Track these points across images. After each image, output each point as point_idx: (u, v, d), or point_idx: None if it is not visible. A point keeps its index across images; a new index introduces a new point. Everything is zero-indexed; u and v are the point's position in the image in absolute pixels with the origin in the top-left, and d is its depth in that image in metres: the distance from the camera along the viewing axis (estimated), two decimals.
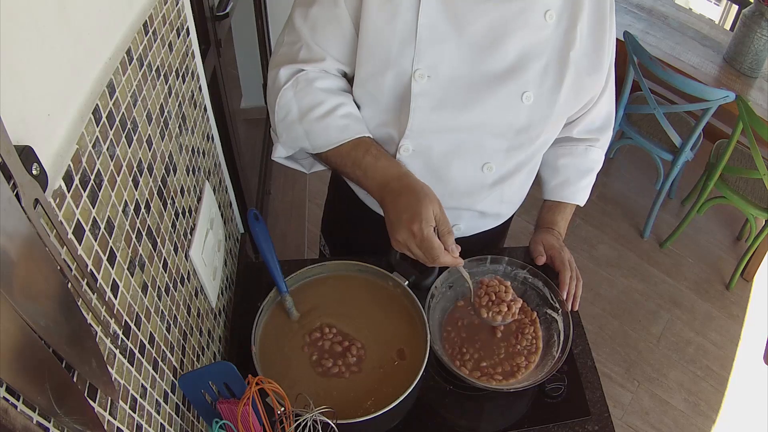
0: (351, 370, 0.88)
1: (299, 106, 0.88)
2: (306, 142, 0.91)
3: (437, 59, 0.85)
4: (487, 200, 1.03)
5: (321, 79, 0.89)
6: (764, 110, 2.27)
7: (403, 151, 0.94)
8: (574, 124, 1.06)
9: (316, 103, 0.88)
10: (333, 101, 0.88)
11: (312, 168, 1.05)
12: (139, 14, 0.65)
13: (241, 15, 2.23)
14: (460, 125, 0.91)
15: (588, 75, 0.92)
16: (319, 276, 1.01)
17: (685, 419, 2.13)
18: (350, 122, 0.89)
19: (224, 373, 0.70)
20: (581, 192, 1.13)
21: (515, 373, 0.93)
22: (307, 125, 0.89)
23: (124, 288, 0.56)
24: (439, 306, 1.00)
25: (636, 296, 2.50)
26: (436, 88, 0.87)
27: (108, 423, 0.50)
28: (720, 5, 4.09)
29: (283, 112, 0.90)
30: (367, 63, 0.87)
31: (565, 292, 1.01)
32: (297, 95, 0.88)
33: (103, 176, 0.53)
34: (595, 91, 0.98)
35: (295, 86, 0.88)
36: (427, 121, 0.90)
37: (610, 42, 0.94)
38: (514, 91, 0.88)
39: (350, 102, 0.91)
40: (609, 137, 1.11)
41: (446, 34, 0.84)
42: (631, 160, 3.14)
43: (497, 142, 0.94)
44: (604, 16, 0.90)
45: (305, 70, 0.89)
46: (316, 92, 0.88)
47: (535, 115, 0.92)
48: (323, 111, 0.88)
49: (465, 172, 0.97)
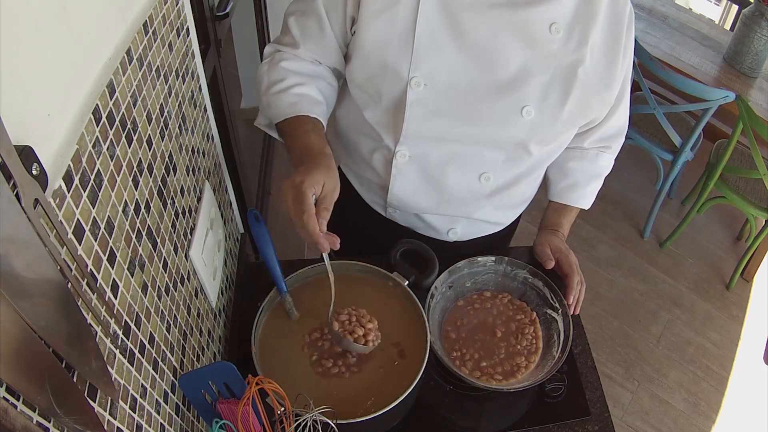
0: (351, 370, 0.88)
1: (268, 79, 0.95)
2: (268, 112, 0.96)
3: (434, 67, 0.84)
4: (484, 209, 1.02)
5: (290, 60, 0.95)
6: (764, 110, 2.27)
7: (399, 157, 0.94)
8: (585, 135, 1.04)
9: (279, 78, 0.93)
10: (293, 80, 0.93)
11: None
12: (139, 14, 0.65)
13: (241, 15, 2.23)
14: (456, 135, 0.91)
15: (597, 93, 0.90)
16: (319, 276, 1.01)
17: (685, 419, 2.13)
18: (301, 100, 0.92)
19: (224, 373, 0.70)
20: (588, 196, 1.12)
21: (515, 373, 0.93)
22: (270, 97, 0.94)
23: (124, 288, 0.56)
24: (439, 306, 1.00)
25: (636, 296, 2.50)
26: (432, 96, 0.86)
27: (108, 423, 0.50)
28: (720, 5, 4.09)
29: (258, 84, 0.97)
30: (365, 68, 0.87)
31: (572, 297, 1.01)
32: (269, 71, 0.95)
33: (103, 176, 0.53)
34: (603, 108, 0.96)
35: (270, 62, 0.96)
36: (421, 129, 0.89)
37: (626, 59, 0.91)
38: (513, 104, 0.87)
39: (310, 83, 0.94)
40: (621, 143, 1.10)
41: (445, 42, 0.83)
42: (631, 160, 3.14)
43: (495, 153, 0.93)
44: (620, 33, 0.87)
45: (281, 50, 0.96)
46: (281, 69, 0.94)
47: (536, 129, 0.90)
48: (282, 87, 0.92)
49: (461, 181, 0.97)
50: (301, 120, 0.90)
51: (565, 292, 1.01)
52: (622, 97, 0.99)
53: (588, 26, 0.84)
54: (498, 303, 1.03)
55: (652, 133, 2.52)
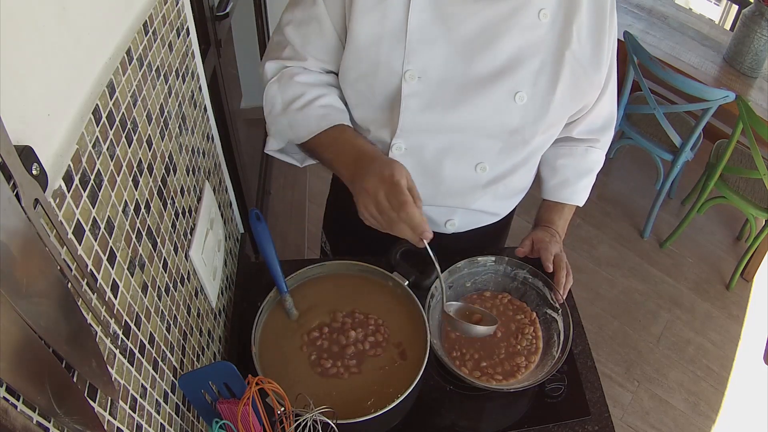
0: (350, 370, 0.88)
1: (282, 98, 0.92)
2: (290, 133, 0.93)
3: (428, 60, 0.85)
4: (481, 200, 1.03)
5: (303, 74, 0.92)
6: (764, 110, 2.27)
7: (395, 150, 0.94)
8: (574, 124, 1.06)
9: (298, 94, 0.90)
10: (313, 93, 0.91)
11: (305, 162, 1.04)
12: (139, 14, 0.65)
13: (241, 15, 2.23)
14: (452, 125, 0.91)
15: (585, 75, 0.91)
16: (319, 276, 1.01)
17: (685, 419, 2.13)
18: (329, 111, 0.91)
19: (224, 373, 0.70)
20: (580, 193, 1.12)
21: (515, 373, 0.93)
22: (290, 116, 0.91)
23: (124, 288, 0.56)
24: (439, 306, 0.99)
25: (636, 296, 2.50)
26: (426, 89, 0.87)
27: (108, 423, 0.50)
28: (720, 5, 4.09)
29: (269, 106, 0.93)
30: (357, 64, 0.87)
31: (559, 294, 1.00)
32: (281, 89, 0.92)
33: (103, 176, 0.53)
34: (593, 91, 0.97)
35: (280, 80, 0.92)
36: (417, 122, 0.89)
37: (611, 42, 0.93)
38: (506, 91, 0.88)
39: (331, 93, 0.93)
40: (610, 138, 1.10)
41: (437, 34, 0.83)
42: (631, 160, 3.14)
43: (490, 142, 0.94)
44: (603, 16, 0.89)
45: (289, 66, 0.92)
46: (297, 85, 0.91)
47: (529, 116, 0.91)
48: (304, 102, 0.90)
49: (458, 172, 0.97)
50: (338, 129, 0.89)
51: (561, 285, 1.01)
52: (608, 82, 0.99)
53: (571, 8, 0.86)
54: (498, 303, 1.03)
55: (652, 133, 2.52)
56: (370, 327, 0.93)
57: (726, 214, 2.91)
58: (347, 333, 0.92)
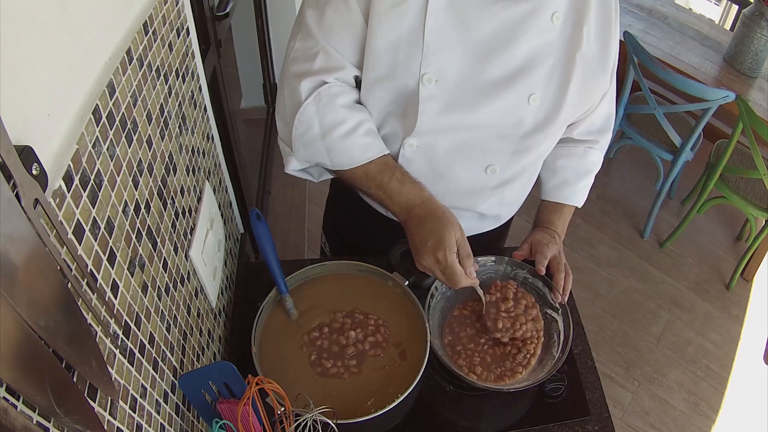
0: (350, 370, 0.88)
1: (321, 123, 0.87)
2: (326, 159, 0.91)
3: (445, 64, 0.85)
4: (488, 202, 1.03)
5: (343, 94, 0.88)
6: (764, 110, 2.27)
7: (407, 147, 0.94)
8: (575, 125, 1.06)
9: (339, 121, 0.87)
10: (355, 119, 0.89)
11: (321, 177, 1.03)
12: (139, 14, 0.65)
13: (241, 15, 2.23)
14: (468, 126, 0.91)
15: (594, 76, 0.92)
16: (319, 276, 1.01)
17: (685, 419, 2.13)
18: (372, 140, 0.90)
19: (224, 373, 0.70)
20: (579, 193, 1.12)
21: (515, 373, 0.93)
22: (329, 143, 0.89)
23: (124, 288, 0.56)
24: (439, 306, 1.00)
25: (636, 296, 2.50)
26: (443, 91, 0.87)
27: (108, 423, 0.50)
28: (720, 5, 4.09)
29: (304, 128, 0.88)
30: (374, 67, 0.87)
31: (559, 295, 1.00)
32: (319, 112, 0.87)
33: (103, 176, 0.53)
34: (599, 92, 0.97)
35: (317, 102, 0.86)
36: (433, 123, 0.90)
37: (615, 40, 0.93)
38: (521, 93, 0.88)
39: (370, 118, 0.92)
40: (608, 139, 1.11)
41: (454, 38, 0.84)
42: (631, 160, 3.14)
43: (503, 144, 0.94)
44: (610, 18, 0.90)
45: (327, 83, 0.87)
46: (339, 109, 0.87)
47: (540, 117, 0.91)
48: (346, 129, 0.88)
49: (468, 172, 0.97)
50: (385, 169, 0.91)
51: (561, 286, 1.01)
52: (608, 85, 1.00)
53: (581, 10, 0.86)
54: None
55: (652, 133, 2.52)
56: (370, 327, 0.93)
57: (726, 214, 2.91)
58: (347, 333, 0.92)
